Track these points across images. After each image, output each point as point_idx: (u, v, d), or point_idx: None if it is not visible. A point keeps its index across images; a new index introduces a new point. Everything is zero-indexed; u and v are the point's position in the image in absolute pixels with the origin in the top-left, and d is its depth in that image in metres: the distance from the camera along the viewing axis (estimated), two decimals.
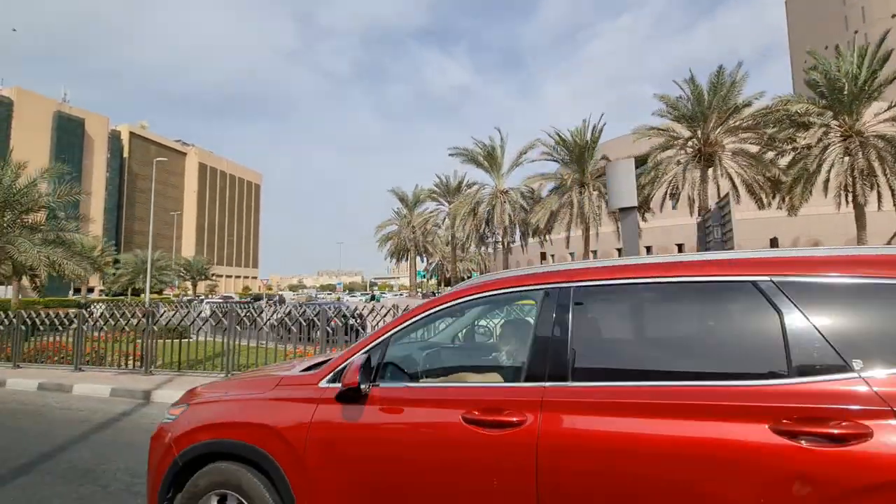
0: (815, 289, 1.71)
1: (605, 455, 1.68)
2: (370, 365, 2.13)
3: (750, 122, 21.30)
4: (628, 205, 7.04)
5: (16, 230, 15.93)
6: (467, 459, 1.86)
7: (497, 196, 30.21)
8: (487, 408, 1.88)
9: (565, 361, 1.88)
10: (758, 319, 1.76)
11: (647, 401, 1.70)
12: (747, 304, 1.79)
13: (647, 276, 1.95)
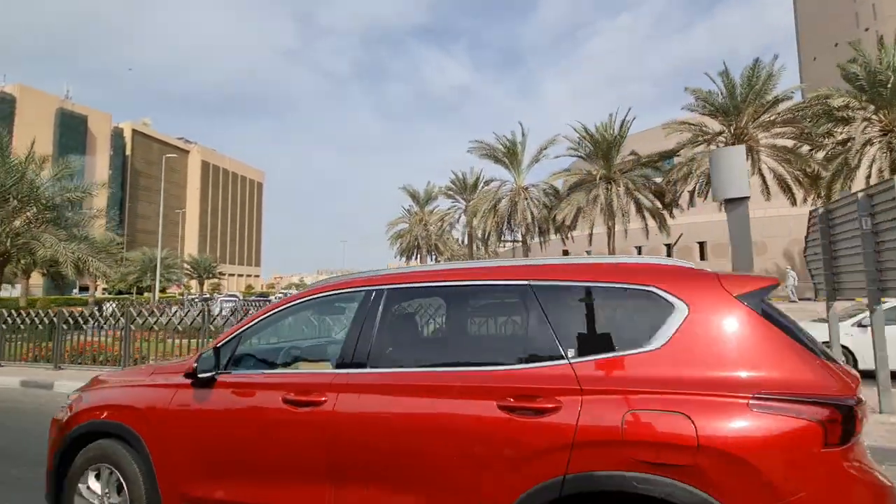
0: (553, 291, 2.12)
1: (380, 425, 2.10)
2: (219, 356, 2.50)
3: (787, 117, 20.79)
4: (737, 195, 6.54)
5: (40, 225, 15.38)
6: (284, 432, 2.27)
7: (518, 192, 29.67)
8: (301, 390, 2.29)
9: (366, 351, 2.27)
10: (514, 316, 2.24)
11: (418, 383, 2.11)
12: (512, 303, 2.25)
13: (440, 280, 2.39)
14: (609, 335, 2.03)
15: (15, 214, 14.90)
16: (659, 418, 1.74)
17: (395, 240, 48.14)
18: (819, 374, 1.76)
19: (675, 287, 1.97)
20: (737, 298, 1.91)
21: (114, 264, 16.87)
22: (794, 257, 29.28)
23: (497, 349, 2.31)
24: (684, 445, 1.66)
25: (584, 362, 1.92)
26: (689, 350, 1.85)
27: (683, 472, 1.66)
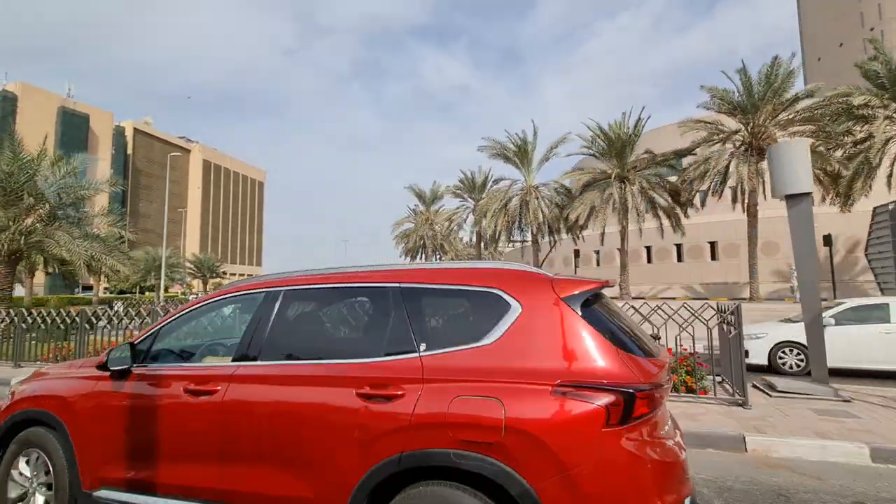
0: (415, 292, 2.38)
1: (263, 412, 2.35)
2: (135, 351, 2.78)
3: (806, 115, 20.56)
4: (799, 190, 6.28)
5: (53, 223, 15.08)
6: (184, 418, 2.52)
7: (529, 191, 29.42)
8: (200, 381, 2.54)
9: (258, 346, 2.55)
10: (382, 314, 2.43)
11: (297, 374, 2.39)
12: (381, 303, 2.47)
13: (325, 283, 2.65)
14: (455, 331, 2.35)
15: (28, 212, 14.60)
16: (476, 403, 2.03)
17: (401, 239, 47.91)
18: (614, 365, 2.02)
19: (514, 289, 2.27)
20: (562, 300, 2.19)
21: (127, 262, 16.56)
22: None
23: (365, 343, 2.52)
24: (493, 426, 1.96)
25: (430, 355, 2.21)
26: (516, 344, 2.14)
27: (491, 449, 1.96)
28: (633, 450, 1.91)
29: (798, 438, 4.45)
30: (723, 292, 28.74)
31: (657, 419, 2.07)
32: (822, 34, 74.13)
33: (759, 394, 6.17)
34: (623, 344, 2.14)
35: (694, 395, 6.00)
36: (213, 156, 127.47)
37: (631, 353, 2.12)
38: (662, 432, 2.10)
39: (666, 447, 2.06)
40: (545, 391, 1.98)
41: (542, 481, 1.88)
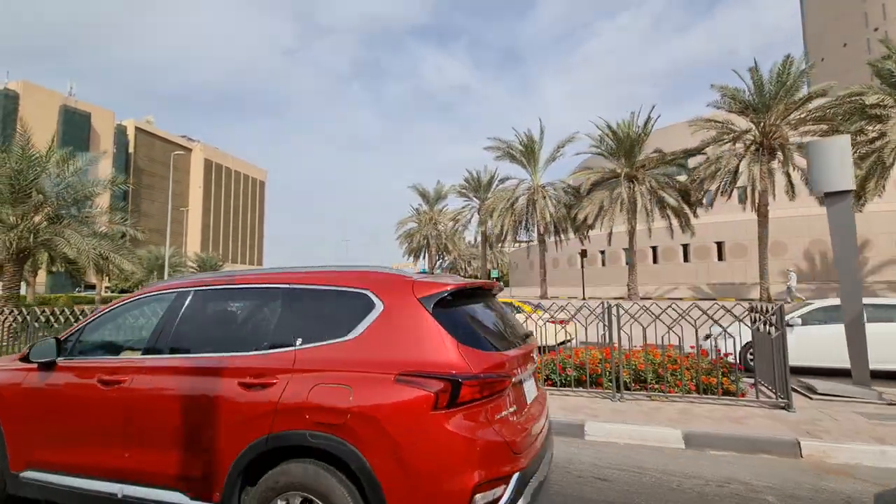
0: (298, 292, 2.70)
1: (161, 400, 2.67)
2: (60, 345, 3.06)
3: (818, 114, 20.40)
4: (841, 188, 6.12)
5: (61, 221, 14.92)
6: (96, 406, 2.82)
7: (536, 191, 29.26)
8: (112, 373, 2.84)
9: (164, 341, 2.85)
10: (270, 312, 2.74)
11: (192, 366, 2.68)
12: (270, 302, 2.78)
13: (225, 284, 2.94)
14: (327, 327, 2.57)
15: (37, 209, 14.44)
16: (330, 390, 2.34)
17: (405, 239, 47.73)
18: (449, 357, 2.29)
19: (380, 290, 2.57)
20: (419, 300, 2.47)
21: (135, 260, 16.41)
22: (814, 258, 28.91)
23: (253, 338, 2.71)
24: (341, 410, 2.27)
25: (303, 349, 2.51)
26: (375, 338, 2.43)
27: (338, 429, 2.25)
28: (456, 430, 2.19)
29: (856, 443, 4.30)
30: (730, 293, 28.58)
31: (495, 403, 2.36)
32: (826, 34, 73.97)
33: (798, 396, 6.02)
34: (467, 339, 2.42)
35: (732, 397, 5.85)
36: (214, 155, 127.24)
37: (472, 346, 2.40)
38: (501, 415, 2.37)
39: (499, 427, 2.32)
40: (389, 379, 2.29)
41: (376, 457, 2.20)
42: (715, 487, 3.72)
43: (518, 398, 2.60)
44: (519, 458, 2.35)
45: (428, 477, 2.16)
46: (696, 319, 6.16)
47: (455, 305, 2.57)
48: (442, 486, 2.15)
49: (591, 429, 5.04)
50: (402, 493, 2.15)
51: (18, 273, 14.53)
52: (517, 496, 2.28)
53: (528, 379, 2.88)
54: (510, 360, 2.56)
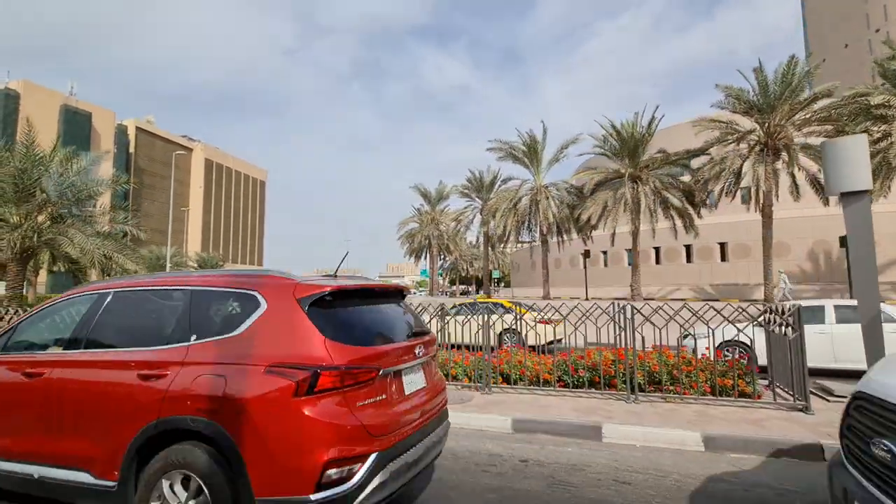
0: (198, 293, 3.03)
1: (72, 390, 3.02)
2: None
3: (823, 114, 20.35)
4: (858, 188, 6.04)
5: (65, 220, 14.86)
6: (22, 396, 3.19)
7: (540, 191, 29.19)
8: (35, 366, 3.21)
9: (83, 337, 3.22)
10: (173, 311, 3.07)
11: (101, 359, 3.06)
12: (175, 302, 3.11)
13: (140, 286, 3.34)
14: (219, 324, 2.89)
15: (40, 209, 14.39)
16: (210, 380, 2.64)
17: (406, 239, 47.64)
18: (314, 351, 2.60)
19: (266, 291, 2.87)
20: (297, 300, 2.76)
21: (139, 260, 16.34)
22: (818, 258, 28.84)
23: (157, 334, 3.03)
24: (217, 397, 2.58)
25: (196, 344, 2.83)
26: (256, 334, 2.74)
27: (213, 414, 2.57)
28: (313, 414, 2.49)
29: None
30: (733, 293, 28.51)
31: (358, 391, 2.66)
32: (827, 35, 73.94)
33: (816, 399, 5.95)
34: (336, 334, 2.72)
35: (748, 399, 5.79)
36: (215, 155, 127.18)
37: (340, 341, 2.69)
38: (363, 402, 2.67)
39: (358, 412, 2.62)
40: (261, 370, 2.60)
41: (242, 437, 2.50)
42: (742, 491, 3.66)
43: (392, 387, 2.93)
44: (378, 440, 2.65)
45: (284, 454, 2.47)
46: (709, 320, 6.11)
47: (335, 305, 2.90)
48: (296, 461, 2.46)
49: (608, 431, 4.97)
50: (262, 468, 2.47)
51: (22, 272, 14.48)
52: (372, 474, 2.58)
53: (414, 371, 3.22)
54: (383, 353, 2.89)
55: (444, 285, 70.16)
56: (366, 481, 2.55)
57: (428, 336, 3.57)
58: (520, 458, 4.46)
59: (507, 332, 10.70)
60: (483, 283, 43.06)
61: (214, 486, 2.51)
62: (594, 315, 6.99)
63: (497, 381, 6.82)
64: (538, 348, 7.68)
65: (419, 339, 3.37)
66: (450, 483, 3.87)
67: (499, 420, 5.42)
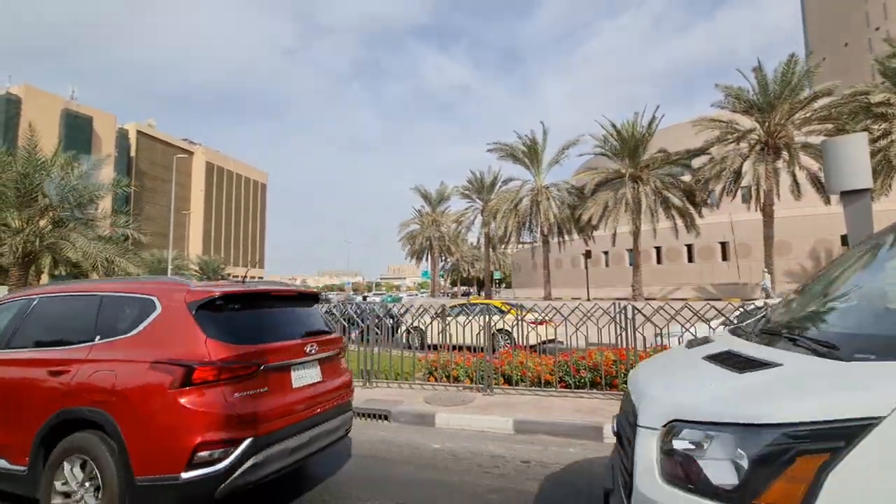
0: (107, 298, 3.46)
1: (7, 383, 3.40)
2: None
3: (823, 113, 20.33)
4: (858, 186, 6.04)
5: (68, 225, 14.90)
6: None
7: (540, 192, 29.19)
8: None
9: (9, 338, 3.62)
10: (86, 314, 3.42)
11: (23, 358, 3.44)
12: (88, 306, 3.47)
13: (60, 293, 3.77)
14: (121, 325, 3.25)
15: (42, 213, 14.44)
16: (103, 375, 3.03)
17: (407, 241, 47.65)
18: (194, 348, 2.95)
19: (162, 295, 3.24)
20: (186, 304, 3.11)
21: (140, 263, 16.38)
22: (819, 257, 28.79)
23: (70, 335, 3.39)
24: (108, 389, 2.96)
25: (100, 343, 3.21)
26: (149, 334, 3.11)
27: (104, 405, 2.94)
28: (187, 403, 2.81)
29: None
30: (734, 293, 28.44)
31: (235, 384, 2.98)
32: (827, 34, 73.94)
33: None
34: (218, 334, 3.04)
35: None
36: (215, 158, 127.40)
37: (221, 340, 3.02)
38: (240, 393, 2.99)
39: (233, 402, 2.93)
40: (146, 365, 2.95)
41: (126, 424, 2.85)
42: None
43: (277, 381, 3.27)
44: (255, 427, 2.98)
45: (159, 438, 2.81)
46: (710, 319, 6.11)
47: (225, 308, 3.24)
48: (168, 445, 2.79)
49: (610, 431, 4.96)
50: (140, 451, 2.81)
51: (24, 277, 14.52)
52: (246, 456, 2.90)
53: (305, 367, 3.55)
54: (266, 351, 3.22)
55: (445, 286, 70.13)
56: (238, 462, 2.87)
57: (326, 336, 3.88)
58: (522, 459, 4.47)
59: (500, 332, 10.69)
60: (484, 285, 43.05)
61: (104, 469, 2.85)
62: (595, 315, 7.00)
63: (499, 382, 6.83)
64: (527, 347, 7.70)
65: (313, 339, 3.68)
66: (452, 484, 3.88)
67: (500, 421, 5.43)
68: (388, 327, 8.27)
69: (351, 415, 4.05)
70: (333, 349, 3.92)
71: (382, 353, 7.93)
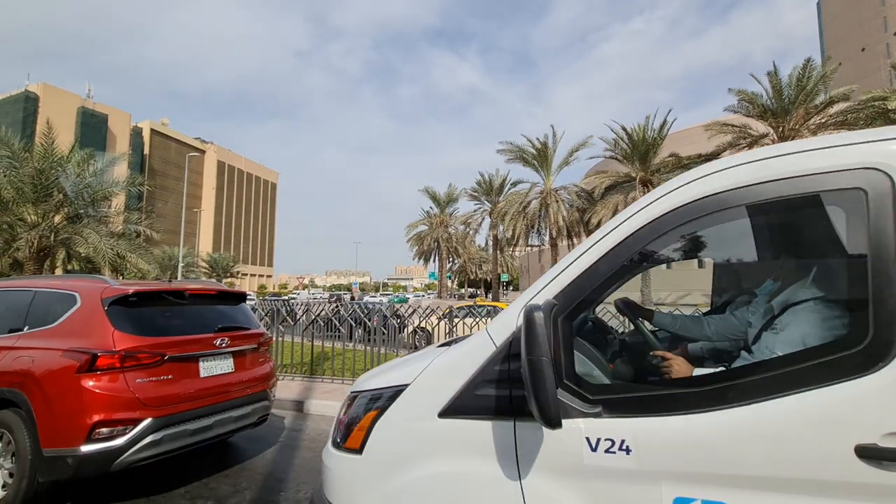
0: (39, 294, 3.94)
1: None
2: None
3: (840, 118, 20.03)
4: None
5: (82, 221, 15.13)
6: None
7: (549, 194, 29.10)
8: None
9: None
10: (19, 308, 3.89)
11: None
12: (21, 301, 3.93)
13: (4, 288, 4.27)
14: (45, 318, 3.67)
15: (57, 209, 14.68)
16: (23, 360, 3.44)
17: (415, 242, 47.68)
18: (100, 339, 3.35)
19: (82, 292, 3.65)
20: (101, 300, 3.51)
21: (151, 259, 16.58)
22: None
23: (5, 324, 3.80)
24: (25, 372, 3.38)
25: (26, 333, 3.64)
26: (68, 325, 3.52)
27: (21, 386, 3.36)
28: (89, 386, 3.20)
29: None
30: None
31: (138, 371, 3.36)
32: (844, 39, 72.93)
33: None
34: (125, 327, 3.43)
35: None
36: (227, 157, 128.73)
37: (127, 332, 3.41)
38: (142, 379, 3.36)
39: (134, 387, 3.30)
40: (59, 352, 3.35)
41: (37, 403, 3.25)
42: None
43: (183, 369, 3.62)
44: (155, 409, 3.35)
45: (62, 416, 3.19)
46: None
47: (138, 304, 3.62)
48: (71, 421, 3.16)
49: None
50: (46, 427, 3.20)
51: (39, 271, 14.76)
52: (144, 434, 3.27)
53: (216, 358, 3.89)
54: (172, 343, 3.59)
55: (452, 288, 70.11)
56: (135, 440, 3.25)
57: (242, 331, 4.23)
58: None
59: None
60: (491, 287, 42.96)
61: (19, 442, 3.27)
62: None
63: None
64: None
65: (227, 333, 4.04)
66: None
67: None
68: (394, 327, 8.29)
69: (267, 404, 4.38)
70: (250, 343, 4.26)
71: (389, 354, 7.94)
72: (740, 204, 1.43)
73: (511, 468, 1.50)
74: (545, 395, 1.29)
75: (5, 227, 13.95)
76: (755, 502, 1.26)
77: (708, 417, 1.32)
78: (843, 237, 1.41)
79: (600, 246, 1.60)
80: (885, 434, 1.15)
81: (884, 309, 1.21)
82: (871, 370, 1.19)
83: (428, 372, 1.75)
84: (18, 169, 13.65)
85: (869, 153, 1.30)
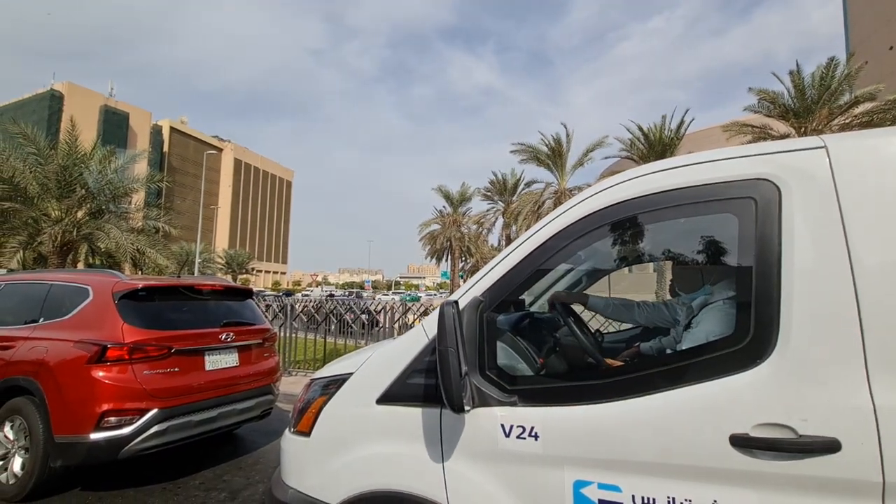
0: (54, 287, 4.06)
1: None
2: None
3: (865, 119, 19.48)
4: None
5: (104, 216, 15.49)
6: None
7: (564, 194, 28.87)
8: None
9: None
10: (34, 300, 4.11)
11: None
12: (36, 293, 4.11)
13: (11, 281, 4.51)
14: (61, 309, 3.79)
15: (80, 204, 15.05)
16: (37, 350, 3.60)
17: (428, 241, 47.75)
18: (111, 331, 3.48)
19: (95, 286, 3.78)
20: (112, 294, 3.65)
21: (170, 255, 16.90)
22: None
23: (24, 316, 3.95)
24: (39, 361, 3.52)
25: (41, 324, 3.78)
26: (81, 317, 3.65)
27: (35, 374, 3.50)
28: (99, 376, 3.33)
29: None
30: None
31: (146, 363, 3.48)
32: (870, 37, 70.74)
33: None
34: (134, 320, 3.56)
35: None
36: (244, 155, 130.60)
37: (136, 326, 3.54)
38: (150, 371, 3.48)
39: (142, 378, 3.43)
40: (72, 343, 3.48)
41: (50, 391, 3.38)
42: None
43: (189, 362, 3.74)
44: (162, 401, 3.47)
45: (73, 404, 3.32)
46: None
47: (148, 298, 3.78)
48: (81, 410, 3.30)
49: None
50: (58, 414, 3.33)
51: (62, 265, 15.15)
52: (150, 424, 3.39)
53: (220, 352, 3.99)
54: (178, 336, 3.71)
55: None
56: (142, 429, 3.37)
57: (248, 327, 4.36)
58: None
59: None
60: None
61: (33, 428, 3.40)
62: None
63: None
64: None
65: (232, 328, 4.15)
66: None
67: None
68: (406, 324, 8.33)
69: (271, 398, 4.48)
70: (255, 339, 4.37)
71: None
72: (646, 211, 1.55)
73: (436, 451, 1.63)
74: (450, 381, 1.41)
75: (30, 221, 14.36)
76: (644, 486, 1.35)
77: (605, 408, 1.43)
78: (737, 244, 1.50)
79: (522, 249, 1.71)
80: (755, 425, 1.26)
81: (763, 310, 1.32)
82: (750, 366, 1.30)
83: (370, 362, 1.90)
84: (44, 165, 14.03)
85: (762, 164, 1.41)
